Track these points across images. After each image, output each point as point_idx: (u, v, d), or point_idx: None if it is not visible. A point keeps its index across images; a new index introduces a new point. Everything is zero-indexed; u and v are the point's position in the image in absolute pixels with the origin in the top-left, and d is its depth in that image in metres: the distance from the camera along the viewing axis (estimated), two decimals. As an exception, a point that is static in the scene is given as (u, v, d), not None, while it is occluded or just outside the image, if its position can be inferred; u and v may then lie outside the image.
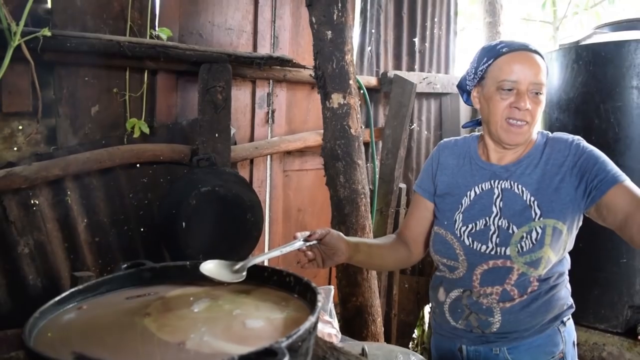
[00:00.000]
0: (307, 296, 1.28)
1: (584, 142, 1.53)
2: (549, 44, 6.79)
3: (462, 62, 4.25)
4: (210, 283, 1.34)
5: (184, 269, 1.49)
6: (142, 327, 1.14)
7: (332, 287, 2.30)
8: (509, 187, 1.52)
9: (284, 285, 1.35)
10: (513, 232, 1.50)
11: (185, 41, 2.54)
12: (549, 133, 1.59)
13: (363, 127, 2.63)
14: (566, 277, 1.60)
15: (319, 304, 1.13)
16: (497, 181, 1.55)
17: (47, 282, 2.21)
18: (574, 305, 1.61)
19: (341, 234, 1.57)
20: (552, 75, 2.89)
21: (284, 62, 2.82)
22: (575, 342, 1.62)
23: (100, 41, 2.13)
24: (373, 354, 1.86)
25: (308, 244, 1.51)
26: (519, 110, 1.45)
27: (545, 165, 1.51)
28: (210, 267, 1.37)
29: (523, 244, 1.49)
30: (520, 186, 1.51)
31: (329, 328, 2.15)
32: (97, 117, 2.33)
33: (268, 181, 3.05)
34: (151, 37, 2.35)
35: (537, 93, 1.46)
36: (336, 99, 2.48)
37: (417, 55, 3.87)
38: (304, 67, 2.93)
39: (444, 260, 1.61)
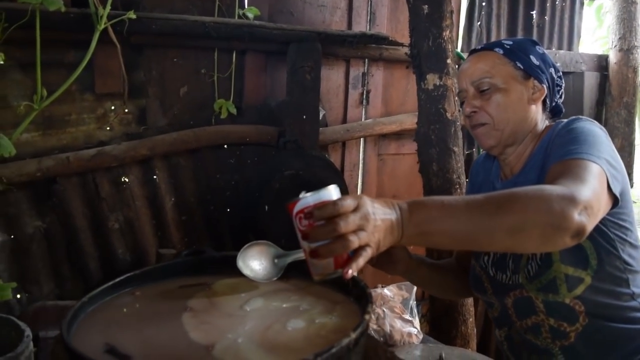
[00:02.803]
0: (361, 302, 1.17)
1: (577, 121, 1.28)
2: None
3: (588, 37, 3.80)
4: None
5: (243, 259, 1.45)
6: (179, 323, 1.10)
7: (414, 284, 2.15)
8: None
9: (342, 286, 1.25)
10: (521, 255, 1.30)
11: (275, 20, 2.48)
12: (565, 121, 1.34)
13: (461, 110, 2.40)
14: None
15: (367, 317, 1.01)
16: None
17: (134, 257, 2.29)
18: None
19: (408, 250, 1.41)
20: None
21: (380, 39, 2.66)
22: None
23: (184, 22, 2.12)
24: (450, 362, 1.70)
25: None
26: (469, 117, 1.40)
27: (543, 164, 1.29)
28: (253, 254, 1.26)
29: (529, 267, 1.28)
30: None
31: (410, 327, 2.01)
32: (185, 98, 2.34)
33: (361, 165, 2.93)
34: (239, 17, 2.31)
35: (482, 91, 1.37)
36: (431, 79, 2.29)
37: (535, 29, 3.50)
38: (401, 44, 2.75)
39: (479, 295, 1.47)
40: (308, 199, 1.01)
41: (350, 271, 0.95)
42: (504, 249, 1.19)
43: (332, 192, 1.02)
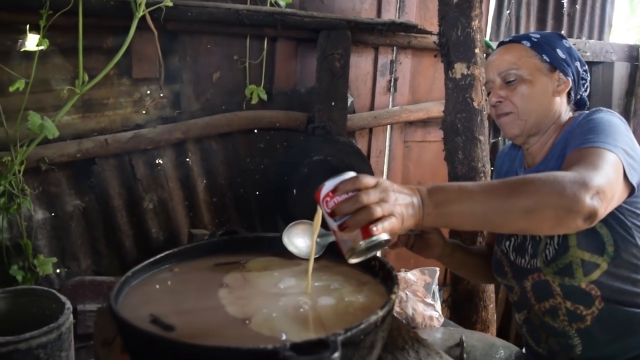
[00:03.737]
0: (387, 284, 1.23)
1: (597, 112, 1.31)
2: None
3: (620, 26, 3.75)
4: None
5: (274, 240, 1.51)
6: (216, 298, 1.17)
7: (437, 269, 2.20)
8: None
9: (369, 267, 1.31)
10: (540, 239, 1.34)
11: (306, 7, 2.52)
12: (586, 112, 1.37)
13: (488, 100, 2.43)
14: None
15: (394, 297, 1.07)
16: None
17: (167, 236, 2.38)
18: None
19: (442, 233, 1.47)
20: None
21: (408, 28, 2.69)
22: None
23: (219, 10, 2.18)
24: (471, 345, 1.76)
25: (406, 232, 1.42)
26: (494, 107, 1.45)
27: (564, 153, 1.31)
28: (297, 232, 1.34)
29: (547, 251, 1.32)
30: None
31: (431, 310, 2.07)
32: (218, 83, 2.41)
33: (387, 152, 2.98)
34: (271, 5, 2.36)
35: (508, 82, 1.41)
36: (459, 69, 2.31)
37: (566, 18, 3.48)
38: (430, 33, 2.77)
39: (500, 279, 1.51)
40: (331, 182, 1.08)
41: (376, 228, 0.99)
42: (519, 230, 1.23)
43: (352, 175, 1.08)
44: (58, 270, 2.21)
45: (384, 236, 1.04)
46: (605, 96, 3.68)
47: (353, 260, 1.09)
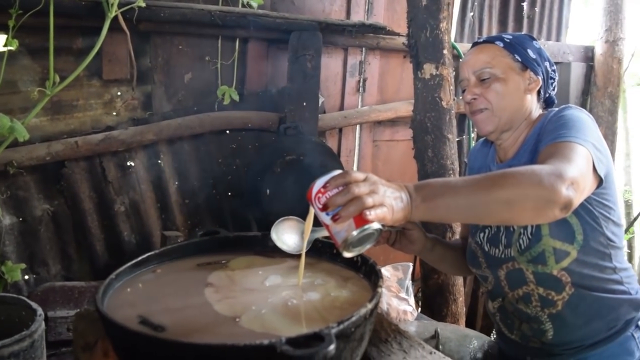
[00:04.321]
0: (371, 278, 1.26)
1: (567, 109, 1.38)
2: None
3: (576, 28, 3.90)
4: (281, 253, 1.35)
5: (256, 239, 1.53)
6: (203, 297, 1.18)
7: (410, 264, 2.25)
8: None
9: (351, 263, 1.34)
10: (513, 229, 1.42)
11: (277, 9, 2.54)
12: (556, 109, 1.44)
13: (456, 99, 2.50)
14: (624, 270, 1.43)
15: (380, 290, 1.10)
16: None
17: (140, 239, 2.36)
18: None
19: (423, 229, 1.53)
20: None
21: (377, 29, 2.74)
22: None
23: (192, 10, 2.18)
24: (446, 337, 1.81)
25: (387, 228, 1.46)
26: (469, 104, 1.49)
27: (536, 148, 1.40)
28: (284, 228, 1.36)
29: (521, 241, 1.40)
30: None
31: (405, 305, 2.11)
32: (190, 85, 2.40)
33: (356, 151, 3.02)
34: (243, 6, 2.37)
35: (483, 80, 1.46)
36: (428, 69, 2.37)
37: (526, 20, 3.60)
38: (397, 34, 2.82)
39: (474, 270, 1.58)
40: (321, 180, 1.10)
41: (369, 213, 1.02)
42: (501, 220, 1.29)
43: (340, 171, 1.11)
44: (27, 277, 2.16)
45: (376, 225, 1.06)
46: (563, 95, 3.82)
47: (347, 254, 1.11)
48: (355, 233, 1.05)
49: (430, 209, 1.11)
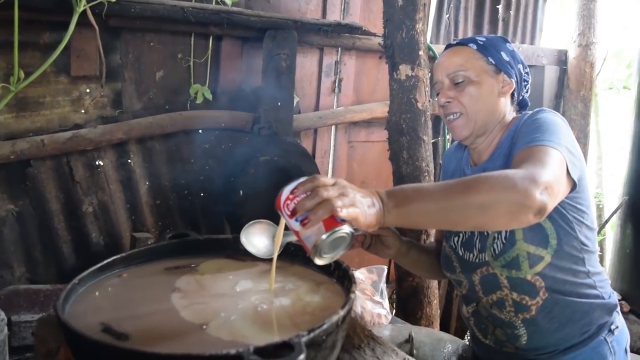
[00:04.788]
0: (344, 283, 1.24)
1: (541, 112, 1.38)
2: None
3: (550, 31, 3.95)
4: (252, 257, 1.31)
5: (226, 242, 1.49)
6: (170, 303, 1.14)
7: (385, 267, 2.23)
8: None
9: (324, 267, 1.31)
10: (488, 234, 1.41)
11: (252, 7, 2.50)
12: (530, 112, 1.44)
13: (432, 101, 2.49)
14: (598, 274, 1.43)
15: (353, 296, 1.07)
16: None
17: (109, 241, 2.30)
18: (617, 304, 1.46)
19: (398, 234, 1.51)
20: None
21: (353, 29, 2.72)
22: (629, 349, 1.48)
23: (163, 7, 2.12)
24: (420, 341, 1.80)
25: (360, 232, 1.43)
26: (443, 107, 1.47)
27: (510, 151, 1.39)
28: (255, 232, 1.32)
29: (495, 245, 1.39)
30: None
31: (379, 308, 2.10)
32: (161, 82, 2.35)
33: (331, 152, 3.00)
34: (216, 3, 2.32)
35: (457, 83, 1.44)
36: (404, 70, 2.36)
37: (501, 23, 3.63)
38: (373, 34, 2.81)
39: (448, 274, 1.56)
40: (289, 186, 1.07)
41: (340, 211, 0.99)
42: (475, 226, 1.27)
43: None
44: (-11, 279, 2.08)
45: (347, 228, 1.03)
46: (537, 98, 3.86)
47: (319, 260, 1.07)
48: (324, 237, 1.01)
49: (403, 215, 1.08)
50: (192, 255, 1.44)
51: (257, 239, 1.32)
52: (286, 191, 1.07)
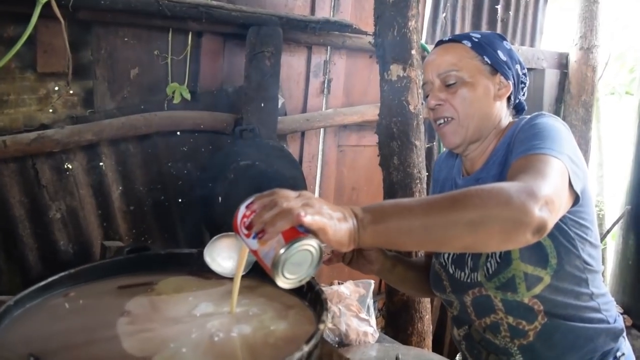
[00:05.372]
0: (316, 308, 1.09)
1: (540, 117, 1.24)
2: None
3: (551, 34, 3.82)
4: (218, 274, 1.17)
5: (190, 257, 1.35)
6: (114, 331, 0.99)
7: (372, 282, 2.09)
8: None
9: (296, 289, 1.16)
10: (480, 252, 1.26)
11: (234, 1, 2.36)
12: (528, 117, 1.30)
13: (424, 103, 2.35)
14: (602, 296, 1.29)
15: (322, 327, 0.93)
16: None
17: (78, 249, 2.16)
18: (623, 328, 1.32)
19: (384, 250, 1.37)
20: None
21: (343, 27, 2.58)
22: None
23: (136, -1, 1.99)
24: (407, 364, 1.65)
25: (330, 249, 1.28)
26: (432, 110, 1.33)
27: (505, 159, 1.26)
28: (222, 246, 1.17)
29: (489, 264, 1.24)
30: None
31: (366, 326, 1.95)
32: (136, 81, 2.20)
33: (320, 156, 2.85)
34: (196, -5, 2.18)
35: (448, 84, 1.30)
36: (395, 70, 2.22)
37: (499, 24, 3.49)
38: (365, 33, 2.67)
39: (438, 294, 1.42)
40: (245, 202, 0.93)
41: (304, 215, 0.85)
42: (464, 247, 1.09)
43: None
44: (-53, 290, 1.94)
45: (312, 240, 0.88)
46: (536, 102, 3.73)
47: (281, 282, 0.90)
48: (283, 250, 0.86)
49: (381, 233, 0.94)
50: (152, 271, 1.30)
51: (224, 254, 1.18)
52: (242, 208, 0.92)
